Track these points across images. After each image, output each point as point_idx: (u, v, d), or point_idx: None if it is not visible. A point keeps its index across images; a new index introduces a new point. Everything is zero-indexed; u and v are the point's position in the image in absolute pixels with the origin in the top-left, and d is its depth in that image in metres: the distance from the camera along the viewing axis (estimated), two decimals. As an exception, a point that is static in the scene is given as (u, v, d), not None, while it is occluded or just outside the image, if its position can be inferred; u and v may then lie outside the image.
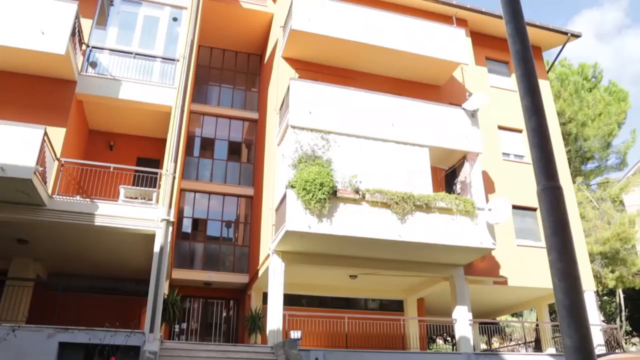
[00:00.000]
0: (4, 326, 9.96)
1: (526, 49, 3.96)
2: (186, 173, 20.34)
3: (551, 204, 3.50)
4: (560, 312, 3.29)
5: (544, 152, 3.63)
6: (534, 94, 3.82)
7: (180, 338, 18.18)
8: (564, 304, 3.27)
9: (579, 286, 3.30)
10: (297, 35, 15.77)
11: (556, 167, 3.61)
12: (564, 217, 3.47)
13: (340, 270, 15.22)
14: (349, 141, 14.24)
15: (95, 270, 15.38)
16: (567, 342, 3.18)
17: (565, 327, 3.21)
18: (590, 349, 3.15)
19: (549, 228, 3.46)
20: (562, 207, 3.51)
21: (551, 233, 3.44)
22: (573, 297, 3.26)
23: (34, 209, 11.37)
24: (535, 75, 3.91)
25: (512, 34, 4.03)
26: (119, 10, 15.00)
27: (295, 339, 11.80)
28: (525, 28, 4.02)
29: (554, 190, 3.53)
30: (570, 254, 3.36)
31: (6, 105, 12.46)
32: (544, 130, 3.70)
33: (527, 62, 3.93)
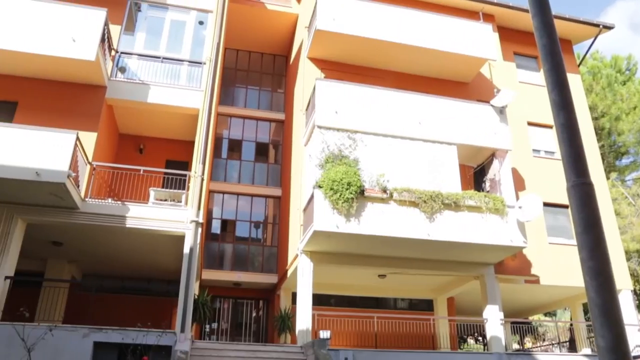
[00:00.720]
0: (41, 326, 10.21)
1: (553, 43, 3.87)
2: (214, 175, 20.56)
3: (581, 201, 3.42)
4: (593, 311, 3.21)
5: (573, 147, 3.55)
6: (562, 88, 3.73)
7: (210, 338, 18.37)
8: (596, 303, 3.19)
9: (612, 284, 3.22)
10: (322, 35, 15.77)
11: (586, 163, 3.52)
12: (595, 214, 3.38)
13: (368, 269, 15.18)
14: (376, 140, 14.18)
15: (128, 271, 15.68)
16: (601, 342, 3.11)
17: (598, 327, 3.14)
18: (624, 349, 3.07)
19: (580, 225, 3.38)
20: (593, 204, 3.42)
21: (582, 230, 3.36)
22: (606, 295, 3.18)
23: (68, 212, 11.65)
24: (563, 69, 3.82)
25: (538, 27, 3.95)
26: (146, 16, 15.24)
27: (324, 339, 11.80)
28: (553, 21, 3.93)
29: (584, 187, 3.45)
30: (602, 252, 3.28)
31: (39, 111, 12.80)
32: (573, 125, 3.61)
33: (554, 55, 3.84)
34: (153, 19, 15.26)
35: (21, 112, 12.88)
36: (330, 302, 17.93)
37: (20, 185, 10.52)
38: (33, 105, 12.93)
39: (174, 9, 15.48)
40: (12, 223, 11.30)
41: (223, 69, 20.80)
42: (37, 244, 13.05)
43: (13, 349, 9.81)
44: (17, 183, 10.45)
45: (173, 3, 15.47)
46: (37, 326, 10.13)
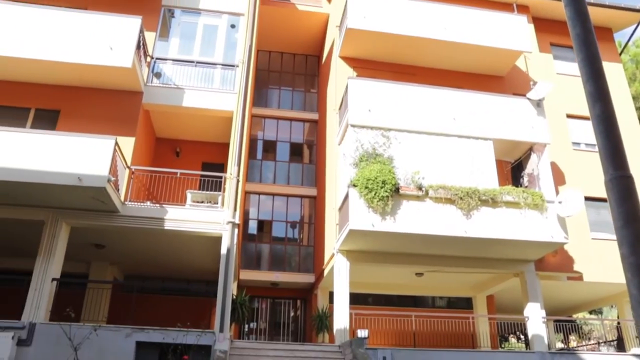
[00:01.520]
0: (86, 326, 10.53)
1: (588, 32, 3.77)
2: (250, 176, 20.78)
3: (620, 195, 3.32)
4: (636, 309, 3.11)
5: (611, 139, 3.44)
6: (597, 78, 3.62)
7: (249, 337, 18.59)
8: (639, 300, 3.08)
9: (655, 281, 3.10)
10: (353, 33, 15.73)
11: (625, 155, 3.41)
12: (635, 208, 3.27)
13: (405, 268, 15.06)
14: (410, 137, 14.06)
15: (167, 272, 16.01)
16: (644, 340, 3.00)
17: (642, 324, 3.04)
18: (669, 347, 2.95)
19: (619, 220, 3.27)
20: (634, 198, 3.31)
21: (621, 225, 3.25)
22: (648, 292, 3.07)
23: (109, 215, 11.97)
24: (598, 59, 3.71)
25: (571, 16, 3.85)
26: (179, 22, 15.52)
27: (362, 338, 11.77)
28: (586, 9, 3.82)
29: (624, 180, 3.35)
30: (643, 247, 3.16)
31: (80, 118, 13.19)
32: (609, 117, 3.50)
33: (589, 45, 3.73)
34: (186, 24, 15.53)
35: (63, 119, 13.30)
36: (367, 301, 17.89)
37: (64, 190, 10.87)
38: (74, 112, 13.34)
39: (206, 14, 15.71)
40: (57, 227, 11.69)
41: (256, 71, 21.01)
42: (81, 247, 13.45)
43: (61, 347, 10.15)
44: (61, 188, 10.79)
45: (205, 8, 15.71)
46: (83, 326, 10.46)
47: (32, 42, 12.62)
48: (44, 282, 11.14)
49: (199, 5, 15.69)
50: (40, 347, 10.42)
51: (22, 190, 10.89)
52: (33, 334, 10.53)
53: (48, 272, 11.24)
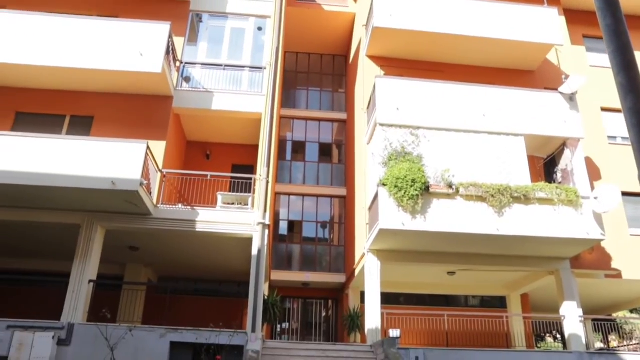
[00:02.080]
0: (122, 326, 10.78)
1: (619, 22, 3.66)
2: (280, 177, 20.92)
3: (655, 188, 3.21)
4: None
5: (644, 132, 3.34)
6: (629, 70, 3.52)
7: (282, 337, 18.69)
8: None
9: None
10: (379, 32, 15.66)
11: (659, 149, 3.30)
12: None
13: (437, 267, 14.91)
14: (439, 135, 13.93)
15: (200, 274, 16.23)
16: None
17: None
18: None
19: (654, 214, 3.17)
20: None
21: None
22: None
23: (142, 218, 12.21)
24: (630, 50, 3.61)
25: (601, 7, 3.75)
26: (207, 26, 15.72)
27: (394, 338, 11.71)
28: (617, 0, 3.71)
29: (658, 174, 3.23)
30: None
31: (113, 124, 13.49)
32: (642, 109, 3.40)
33: (620, 36, 3.63)
34: (214, 28, 15.72)
35: (97, 125, 13.63)
36: (399, 300, 17.78)
37: (98, 194, 11.14)
38: (107, 118, 13.65)
39: (233, 17, 15.88)
40: (93, 230, 11.99)
41: (283, 73, 21.15)
42: (116, 249, 13.75)
43: (98, 347, 10.42)
44: (95, 192, 11.07)
45: (232, 11, 15.87)
46: (119, 326, 10.70)
47: (66, 51, 12.97)
48: (81, 283, 11.44)
49: (226, 9, 15.87)
50: (78, 346, 10.70)
51: (59, 195, 11.21)
52: (72, 334, 10.82)
53: (85, 274, 11.54)
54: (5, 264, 15.35)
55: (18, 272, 14.83)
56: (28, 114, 13.70)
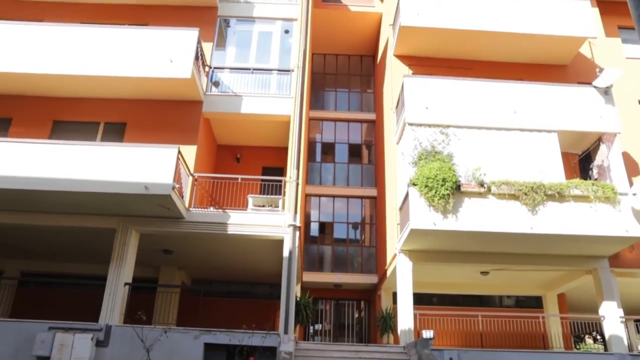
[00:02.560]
0: (157, 328, 10.99)
1: (649, 12, 3.56)
2: (310, 178, 20.99)
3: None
4: None
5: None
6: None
7: (314, 339, 18.72)
8: None
9: None
10: (406, 31, 15.57)
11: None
12: None
13: (470, 266, 14.72)
14: (469, 133, 13.76)
15: (232, 276, 16.39)
16: None
17: None
18: None
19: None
20: None
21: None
22: None
23: (174, 222, 12.41)
24: (662, 40, 3.50)
25: (631, -3, 3.65)
26: (235, 31, 15.91)
27: (427, 339, 11.60)
28: (648, -11, 3.61)
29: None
30: None
31: (145, 129, 13.77)
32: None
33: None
34: (241, 32, 15.89)
35: (130, 131, 13.93)
36: (432, 301, 17.61)
37: (132, 198, 11.38)
38: (139, 124, 13.94)
39: (260, 21, 16.01)
40: (128, 234, 12.25)
41: (311, 75, 21.23)
42: (151, 252, 14.01)
43: (134, 348, 10.63)
44: (129, 197, 11.31)
45: (259, 15, 16.02)
46: (154, 328, 10.91)
47: (100, 59, 13.29)
48: (117, 286, 11.70)
49: (253, 14, 16.02)
50: (116, 348, 10.95)
51: (94, 200, 11.50)
52: (109, 335, 11.08)
53: (121, 277, 11.79)
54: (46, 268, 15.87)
55: (58, 275, 15.28)
56: (64, 122, 14.10)
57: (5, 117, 14.06)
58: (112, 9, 15.80)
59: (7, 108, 14.11)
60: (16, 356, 10.86)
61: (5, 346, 10.95)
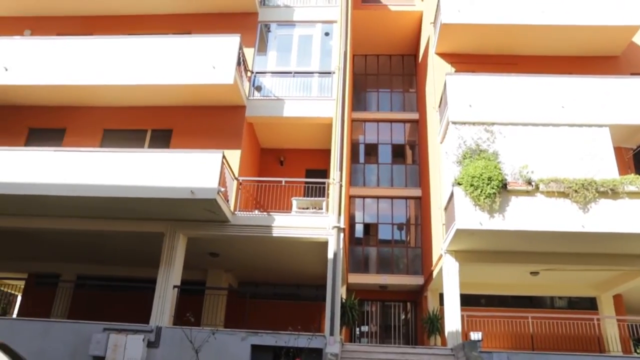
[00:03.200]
0: (205, 329, 11.22)
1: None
2: (353, 180, 20.98)
3: None
4: None
5: None
6: None
7: (360, 341, 18.67)
8: None
9: None
10: (448, 29, 15.38)
11: None
12: None
13: (519, 267, 14.35)
14: (515, 130, 13.45)
15: (278, 278, 16.55)
16: None
17: None
18: None
19: None
20: None
21: None
22: None
23: (220, 225, 12.64)
24: None
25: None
26: (275, 35, 16.08)
27: (475, 341, 11.40)
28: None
29: None
30: None
31: (190, 135, 14.09)
32: None
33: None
34: (282, 37, 16.04)
35: (176, 137, 14.29)
36: (480, 302, 17.23)
37: (179, 203, 11.65)
38: (185, 130, 14.27)
39: (300, 25, 16.13)
40: (176, 238, 12.56)
41: (353, 76, 21.22)
42: (198, 255, 14.33)
43: (184, 350, 10.90)
44: (176, 202, 11.59)
45: (299, 19, 16.13)
46: (202, 330, 11.15)
47: (145, 69, 13.69)
48: (167, 289, 12.01)
49: (293, 18, 16.15)
50: (166, 349, 11.25)
51: (143, 205, 11.85)
52: (160, 336, 11.40)
53: (169, 280, 12.10)
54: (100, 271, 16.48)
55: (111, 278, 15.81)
56: (114, 130, 14.60)
57: (60, 127, 14.69)
58: (156, 19, 16.25)
59: (62, 119, 14.74)
60: (74, 355, 11.33)
61: (64, 346, 11.45)
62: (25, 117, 14.80)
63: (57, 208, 12.27)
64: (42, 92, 14.16)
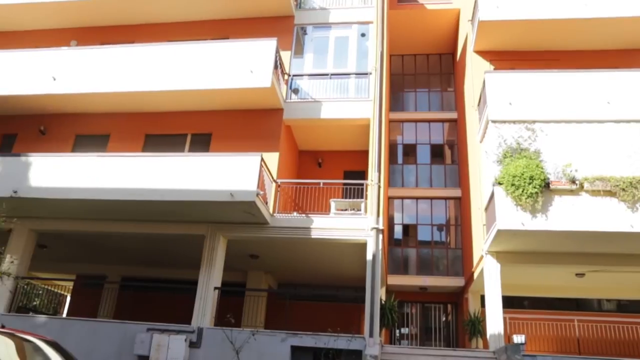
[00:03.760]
0: (245, 330, 11.34)
1: None
2: (392, 181, 20.85)
3: None
4: None
5: None
6: None
7: (400, 343, 18.52)
8: None
9: None
10: (486, 26, 15.10)
11: None
12: None
13: (563, 268, 13.95)
14: (557, 128, 13.09)
15: (317, 280, 16.60)
16: None
17: None
18: None
19: None
20: None
21: None
22: None
23: (260, 227, 12.77)
24: None
25: None
26: (312, 38, 16.15)
27: (518, 344, 11.13)
28: None
29: None
30: None
31: (228, 139, 14.29)
32: None
33: None
34: (318, 39, 16.10)
35: (215, 141, 14.52)
36: (523, 304, 16.84)
37: (219, 206, 11.84)
38: (223, 134, 14.49)
39: (336, 27, 16.15)
40: (216, 240, 12.76)
41: (390, 76, 21.10)
42: (238, 257, 14.51)
43: (225, 350, 11.03)
44: (217, 204, 11.78)
45: (335, 21, 16.15)
46: (242, 331, 11.28)
47: (185, 74, 13.98)
48: (208, 290, 12.22)
49: (329, 20, 16.19)
50: (207, 349, 11.45)
51: (184, 208, 12.09)
52: (201, 337, 11.60)
53: (210, 282, 12.31)
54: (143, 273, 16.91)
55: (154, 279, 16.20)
56: (155, 135, 14.96)
57: (104, 133, 15.16)
58: (194, 26, 16.57)
59: (106, 125, 15.20)
60: (120, 354, 11.66)
61: (110, 345, 11.79)
62: (72, 124, 15.34)
63: (102, 212, 12.67)
64: (88, 99, 14.65)
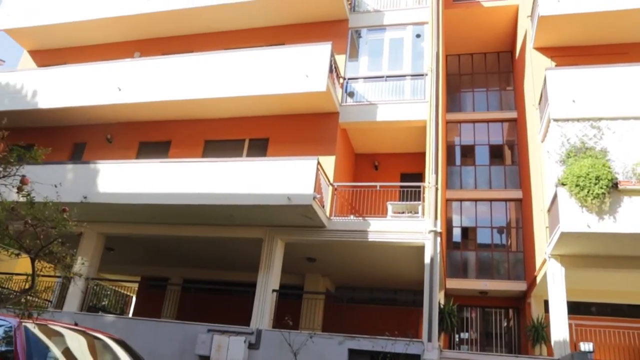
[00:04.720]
0: (303, 333, 11.44)
1: None
2: (450, 183, 20.50)
3: None
4: None
5: None
6: None
7: (460, 348, 18.14)
8: None
9: None
10: (546, 21, 14.59)
11: None
12: None
13: (634, 273, 13.26)
14: (626, 125, 12.46)
15: (374, 283, 16.55)
16: None
17: None
18: None
19: None
20: None
21: None
22: None
23: (317, 230, 12.87)
24: None
25: None
26: (366, 40, 16.13)
27: (585, 352, 10.76)
28: None
29: None
30: None
31: (285, 143, 14.49)
32: None
33: None
34: (373, 41, 16.06)
35: (272, 146, 14.77)
36: (590, 310, 16.12)
37: (277, 209, 12.03)
38: (280, 138, 14.71)
39: (391, 28, 16.06)
40: (274, 243, 12.97)
41: (446, 77, 20.78)
42: (295, 260, 14.67)
43: (283, 352, 11.18)
44: (274, 208, 11.97)
45: (389, 23, 16.08)
46: (300, 333, 11.39)
47: (243, 81, 14.30)
48: (266, 293, 12.43)
49: (383, 22, 16.13)
50: (266, 351, 11.64)
51: (243, 212, 12.36)
52: (260, 339, 11.81)
53: (269, 284, 12.51)
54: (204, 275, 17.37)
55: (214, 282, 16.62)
56: (214, 141, 15.37)
57: (166, 140, 15.72)
58: (250, 33, 16.90)
59: (167, 132, 15.76)
60: (182, 354, 12.04)
61: (173, 344, 12.20)
62: (135, 132, 15.99)
63: (164, 216, 13.14)
64: (150, 108, 15.23)
